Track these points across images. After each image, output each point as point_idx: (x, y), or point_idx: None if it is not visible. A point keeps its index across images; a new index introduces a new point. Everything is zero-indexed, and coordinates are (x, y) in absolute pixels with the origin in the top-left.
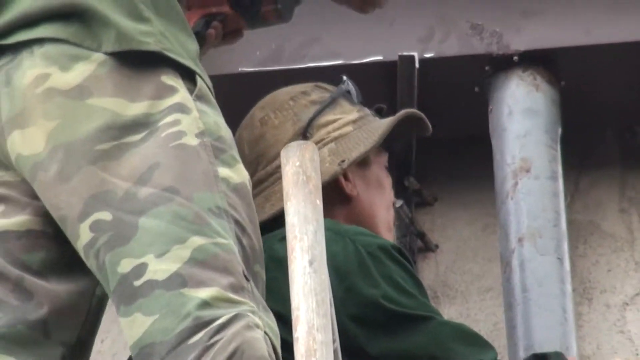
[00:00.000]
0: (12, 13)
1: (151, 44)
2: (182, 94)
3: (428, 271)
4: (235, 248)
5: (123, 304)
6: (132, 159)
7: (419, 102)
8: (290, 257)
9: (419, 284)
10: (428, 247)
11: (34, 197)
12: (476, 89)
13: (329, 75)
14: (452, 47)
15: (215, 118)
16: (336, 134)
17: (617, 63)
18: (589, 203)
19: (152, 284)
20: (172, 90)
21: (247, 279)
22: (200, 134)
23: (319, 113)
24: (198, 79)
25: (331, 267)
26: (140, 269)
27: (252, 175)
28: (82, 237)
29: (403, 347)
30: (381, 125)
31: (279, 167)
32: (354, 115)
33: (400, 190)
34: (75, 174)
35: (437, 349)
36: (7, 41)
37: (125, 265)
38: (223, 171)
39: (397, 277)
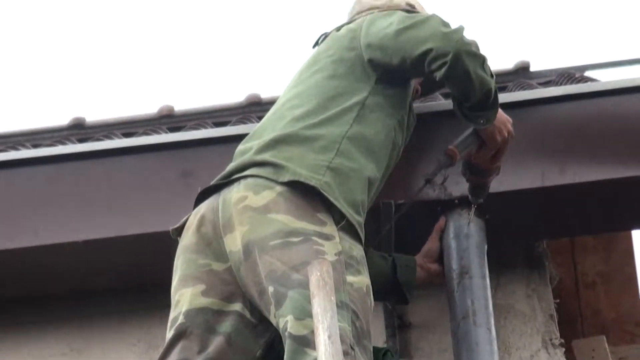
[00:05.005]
0: (232, 165)
1: (312, 181)
2: (329, 227)
3: (407, 340)
4: (349, 328)
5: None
6: (291, 253)
7: (396, 233)
8: (316, 333)
9: None
10: (405, 324)
11: (226, 283)
12: (432, 222)
13: None
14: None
15: (351, 244)
16: None
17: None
18: (506, 292)
19: (290, 335)
20: (321, 222)
21: (353, 349)
22: (338, 253)
23: None
24: (346, 217)
25: None
26: (287, 324)
27: None
28: (271, 304)
29: None
30: None
31: None
32: None
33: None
34: (259, 261)
35: None
36: (228, 180)
37: (280, 322)
38: (350, 278)
39: None
